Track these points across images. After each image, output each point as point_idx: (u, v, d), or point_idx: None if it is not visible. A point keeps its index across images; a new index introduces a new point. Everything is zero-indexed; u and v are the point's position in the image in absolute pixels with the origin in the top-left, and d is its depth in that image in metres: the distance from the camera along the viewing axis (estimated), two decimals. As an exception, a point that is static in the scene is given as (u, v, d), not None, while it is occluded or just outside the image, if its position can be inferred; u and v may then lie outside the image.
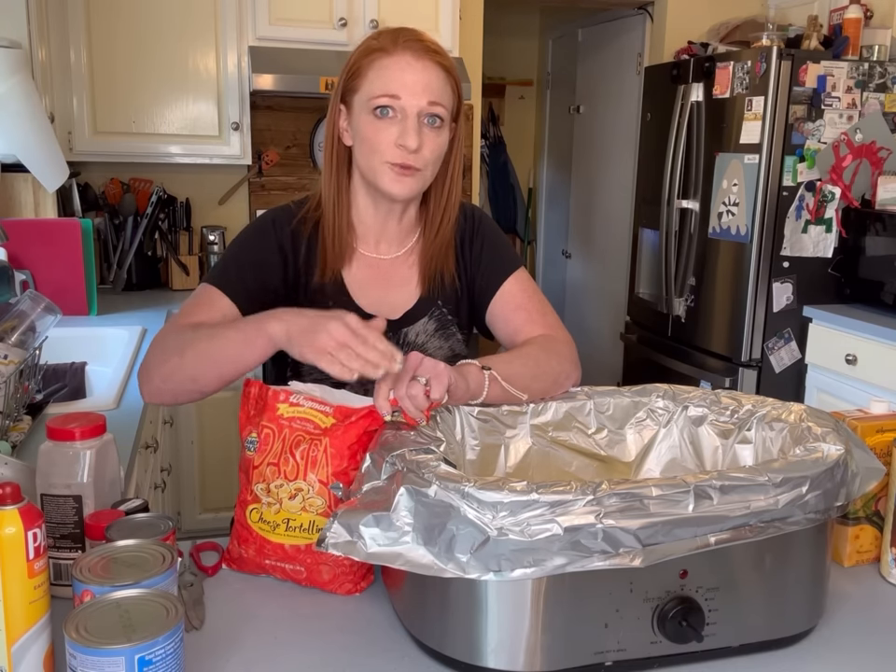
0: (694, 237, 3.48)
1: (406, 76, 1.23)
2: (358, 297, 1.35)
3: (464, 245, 1.40)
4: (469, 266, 1.40)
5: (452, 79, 1.27)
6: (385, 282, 1.37)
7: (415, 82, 1.23)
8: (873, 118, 3.14)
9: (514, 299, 1.38)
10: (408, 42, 1.24)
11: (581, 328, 4.78)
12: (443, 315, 1.39)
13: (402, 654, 0.92)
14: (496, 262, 1.40)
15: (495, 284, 1.38)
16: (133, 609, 0.77)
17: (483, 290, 1.39)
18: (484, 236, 1.41)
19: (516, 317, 1.36)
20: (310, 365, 1.31)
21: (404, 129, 1.23)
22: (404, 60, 1.23)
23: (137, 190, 3.37)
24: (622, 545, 0.81)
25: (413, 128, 1.23)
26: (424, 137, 1.24)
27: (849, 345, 2.98)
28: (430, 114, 1.24)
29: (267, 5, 3.13)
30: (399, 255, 1.39)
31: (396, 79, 1.23)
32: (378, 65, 1.24)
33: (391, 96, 1.23)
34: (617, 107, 4.53)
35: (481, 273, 1.39)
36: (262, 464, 1.06)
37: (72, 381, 2.06)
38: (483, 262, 1.40)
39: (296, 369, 1.33)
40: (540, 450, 1.17)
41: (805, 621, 0.96)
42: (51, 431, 1.02)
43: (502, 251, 1.42)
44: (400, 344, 1.36)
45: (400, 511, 0.85)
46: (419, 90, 1.23)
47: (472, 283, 1.41)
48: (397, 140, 1.23)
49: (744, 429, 1.13)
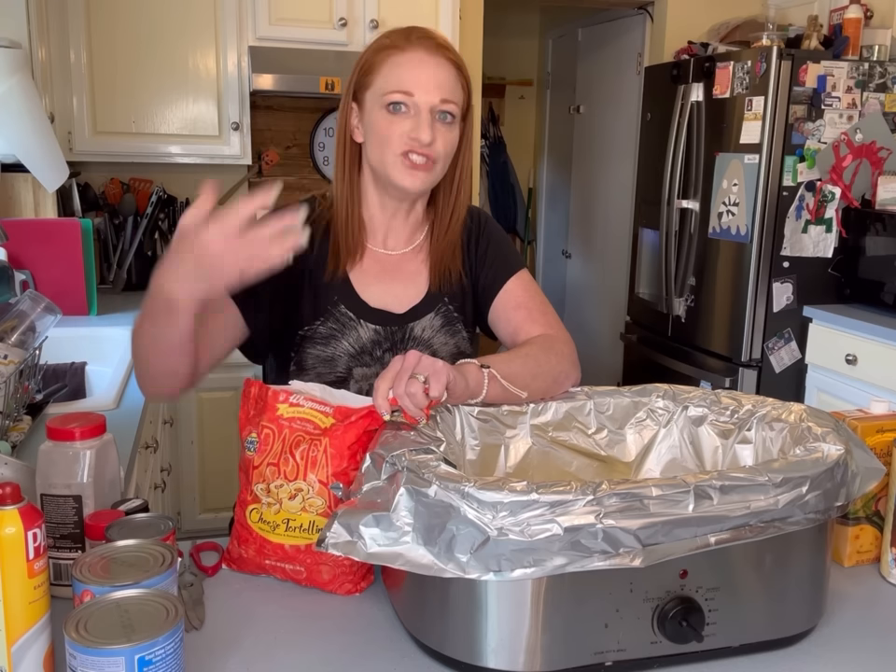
0: (694, 237, 3.48)
1: (419, 72, 1.24)
2: (363, 292, 1.35)
3: (470, 244, 1.42)
4: (474, 265, 1.42)
5: (462, 77, 1.29)
6: (392, 277, 1.38)
7: (428, 79, 1.24)
8: (873, 118, 3.14)
9: (515, 298, 1.39)
10: (421, 39, 1.26)
11: (581, 328, 4.77)
12: (450, 311, 1.39)
13: (402, 654, 0.92)
14: (499, 262, 1.41)
15: (498, 283, 1.39)
16: (133, 608, 0.77)
17: (487, 289, 1.40)
18: (490, 236, 1.43)
19: (517, 316, 1.37)
20: (313, 358, 1.32)
21: (417, 123, 1.24)
22: (417, 56, 1.25)
23: (137, 190, 3.37)
24: (622, 545, 0.81)
25: (426, 122, 1.24)
26: (436, 132, 1.25)
27: (849, 345, 2.97)
28: (442, 111, 1.25)
29: (267, 5, 3.12)
30: (407, 251, 1.40)
31: (410, 76, 1.24)
32: (392, 62, 1.25)
33: (405, 93, 1.24)
34: (617, 107, 4.53)
35: (485, 273, 1.41)
36: (262, 464, 1.06)
37: (72, 381, 2.06)
38: (487, 262, 1.41)
39: (300, 363, 1.34)
40: (540, 450, 1.17)
41: (805, 621, 0.96)
42: (51, 431, 1.02)
43: (506, 251, 1.44)
44: (406, 339, 1.36)
45: (400, 511, 0.85)
46: (432, 87, 1.24)
47: (477, 281, 1.42)
48: (409, 133, 1.24)
49: (744, 429, 1.13)
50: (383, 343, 1.35)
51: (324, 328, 1.33)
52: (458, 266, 1.39)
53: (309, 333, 1.34)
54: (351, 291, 1.35)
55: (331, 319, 1.33)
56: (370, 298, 1.35)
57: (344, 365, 1.34)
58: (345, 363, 1.34)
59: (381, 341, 1.35)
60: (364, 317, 1.34)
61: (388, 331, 1.35)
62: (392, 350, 1.36)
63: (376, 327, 1.35)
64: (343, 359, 1.33)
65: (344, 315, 1.34)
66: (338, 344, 1.33)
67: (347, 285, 1.35)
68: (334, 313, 1.34)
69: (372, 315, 1.35)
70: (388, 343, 1.36)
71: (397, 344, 1.36)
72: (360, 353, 1.34)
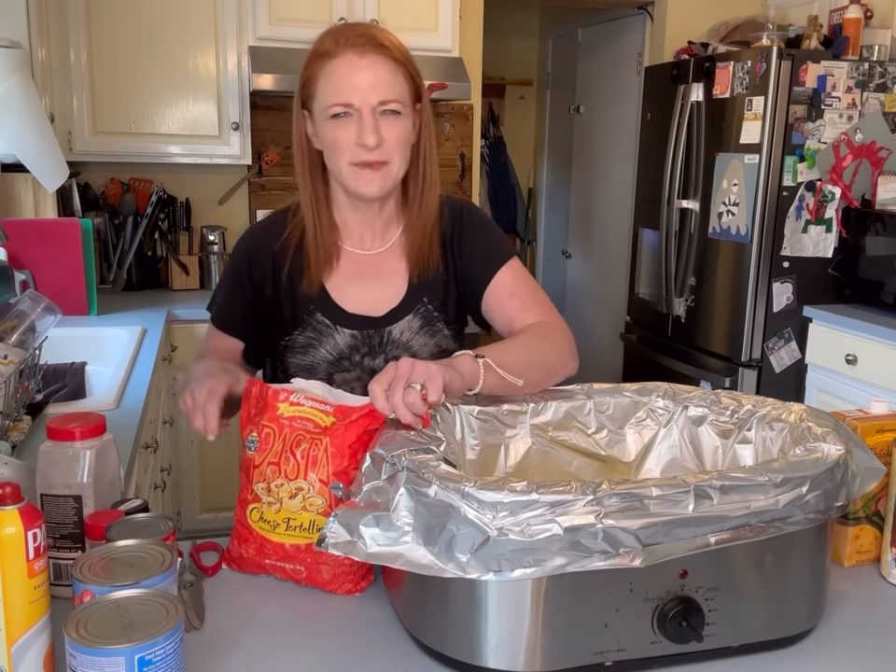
0: (694, 237, 3.48)
1: (352, 77, 1.23)
2: (340, 297, 1.36)
3: (452, 239, 1.39)
4: (458, 260, 1.39)
5: (402, 66, 1.26)
6: (371, 278, 1.38)
7: (362, 82, 1.23)
8: (873, 118, 3.14)
9: (507, 287, 1.36)
10: (349, 41, 1.24)
11: (580, 328, 4.76)
12: (429, 311, 1.38)
13: (402, 654, 0.92)
14: (487, 253, 1.38)
15: (488, 274, 1.37)
16: (133, 608, 0.77)
17: (477, 281, 1.38)
18: (475, 228, 1.40)
19: (510, 305, 1.35)
20: (294, 367, 1.36)
21: (361, 128, 1.23)
22: (348, 61, 1.23)
23: (137, 190, 3.37)
24: (622, 545, 0.81)
25: (369, 126, 1.23)
26: (383, 130, 1.24)
27: (849, 345, 2.98)
28: (384, 110, 1.24)
29: (267, 5, 3.12)
30: (384, 250, 1.39)
31: (344, 84, 1.23)
32: (326, 71, 1.25)
33: (343, 104, 1.23)
34: (617, 107, 4.53)
35: (473, 265, 1.38)
36: (263, 463, 1.06)
37: (72, 381, 2.06)
38: (475, 254, 1.38)
39: (285, 372, 1.37)
40: (540, 450, 1.17)
41: (805, 621, 0.96)
42: (51, 431, 1.02)
43: (494, 242, 1.41)
44: (385, 342, 1.36)
45: (400, 511, 0.85)
46: (368, 90, 1.23)
47: (463, 276, 1.39)
48: (356, 141, 1.24)
49: (744, 429, 1.13)
50: (360, 347, 1.35)
51: (302, 337, 1.35)
52: (437, 256, 1.37)
53: (289, 343, 1.36)
54: (327, 298, 1.35)
55: (309, 328, 1.35)
56: (347, 303, 1.36)
57: (324, 372, 1.35)
58: (325, 370, 1.35)
59: (358, 346, 1.35)
60: (341, 323, 1.35)
61: (365, 336, 1.35)
62: (370, 354, 1.36)
63: (353, 332, 1.35)
64: (323, 366, 1.35)
65: (321, 322, 1.35)
66: (316, 353, 1.35)
67: (323, 292, 1.35)
68: (311, 321, 1.35)
69: (349, 321, 1.35)
70: (366, 347, 1.36)
71: (375, 348, 1.36)
72: (339, 359, 1.35)
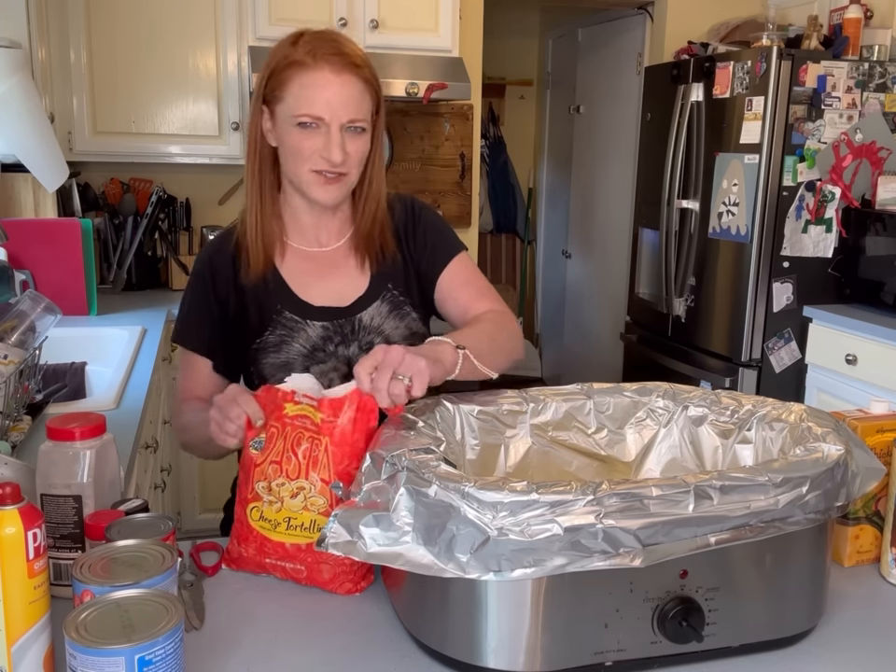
0: (694, 237, 3.47)
1: (327, 93, 1.26)
2: (305, 293, 1.38)
3: (407, 233, 1.44)
4: (413, 251, 1.44)
5: (370, 86, 1.31)
6: (329, 273, 1.41)
7: (335, 99, 1.26)
8: (873, 118, 3.14)
9: (460, 276, 1.43)
10: (326, 56, 1.27)
11: (580, 328, 4.77)
12: (395, 296, 1.42)
13: (402, 654, 0.92)
14: (440, 245, 1.44)
15: (440, 264, 1.42)
16: (133, 608, 0.77)
17: (430, 271, 1.43)
18: (426, 223, 1.45)
19: (465, 294, 1.41)
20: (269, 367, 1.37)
21: (328, 142, 1.27)
22: (324, 77, 1.26)
23: (137, 190, 3.36)
24: (622, 545, 0.81)
25: (336, 142, 1.27)
26: (347, 145, 1.28)
27: (849, 345, 2.97)
28: (351, 127, 1.28)
29: (267, 5, 3.12)
30: (340, 245, 1.43)
31: (318, 99, 1.26)
32: (299, 81, 1.27)
33: (314, 117, 1.26)
34: (617, 107, 4.53)
35: (426, 256, 1.43)
36: (264, 462, 1.06)
37: (72, 381, 2.06)
38: (427, 246, 1.43)
39: (260, 375, 1.38)
40: (540, 450, 1.17)
41: (805, 621, 0.96)
42: (51, 431, 1.02)
43: (445, 235, 1.47)
44: (357, 329, 1.39)
45: (400, 511, 0.85)
46: (339, 108, 1.27)
47: (419, 266, 1.44)
48: (321, 152, 1.27)
49: (744, 429, 1.13)
50: (333, 337, 1.38)
51: (273, 336, 1.36)
52: (392, 246, 1.41)
53: (261, 345, 1.37)
54: (292, 296, 1.38)
55: (279, 327, 1.36)
56: (313, 298, 1.38)
57: (300, 366, 1.36)
58: (301, 364, 1.36)
59: (331, 336, 1.38)
60: (310, 317, 1.37)
61: (337, 325, 1.38)
62: (344, 343, 1.38)
63: (324, 323, 1.37)
64: (298, 361, 1.36)
65: (290, 319, 1.37)
66: (289, 348, 1.36)
67: (287, 290, 1.38)
68: (280, 320, 1.37)
69: (318, 314, 1.38)
70: (339, 336, 1.38)
71: (348, 336, 1.38)
72: (313, 351, 1.37)
